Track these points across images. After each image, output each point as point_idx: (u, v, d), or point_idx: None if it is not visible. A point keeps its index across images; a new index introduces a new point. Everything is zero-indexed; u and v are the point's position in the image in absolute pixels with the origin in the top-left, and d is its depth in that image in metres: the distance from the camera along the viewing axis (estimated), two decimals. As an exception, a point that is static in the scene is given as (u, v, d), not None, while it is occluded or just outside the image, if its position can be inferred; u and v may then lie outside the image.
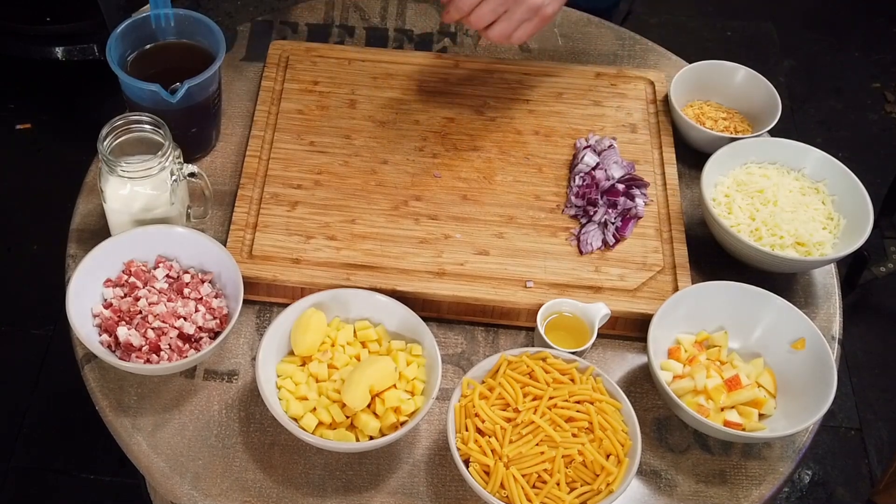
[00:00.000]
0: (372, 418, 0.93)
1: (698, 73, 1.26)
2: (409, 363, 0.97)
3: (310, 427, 0.93)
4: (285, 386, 0.96)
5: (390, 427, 0.94)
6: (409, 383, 0.96)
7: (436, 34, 1.35)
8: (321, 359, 0.97)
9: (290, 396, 0.95)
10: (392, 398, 0.93)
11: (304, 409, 0.94)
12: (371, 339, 1.00)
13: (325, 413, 0.94)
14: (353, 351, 0.99)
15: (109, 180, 1.02)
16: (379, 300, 1.00)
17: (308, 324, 0.97)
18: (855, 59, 2.60)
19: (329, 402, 0.95)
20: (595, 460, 0.90)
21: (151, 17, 1.12)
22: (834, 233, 1.11)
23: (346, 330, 1.00)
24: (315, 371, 0.96)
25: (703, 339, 1.04)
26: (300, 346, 0.97)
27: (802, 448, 1.00)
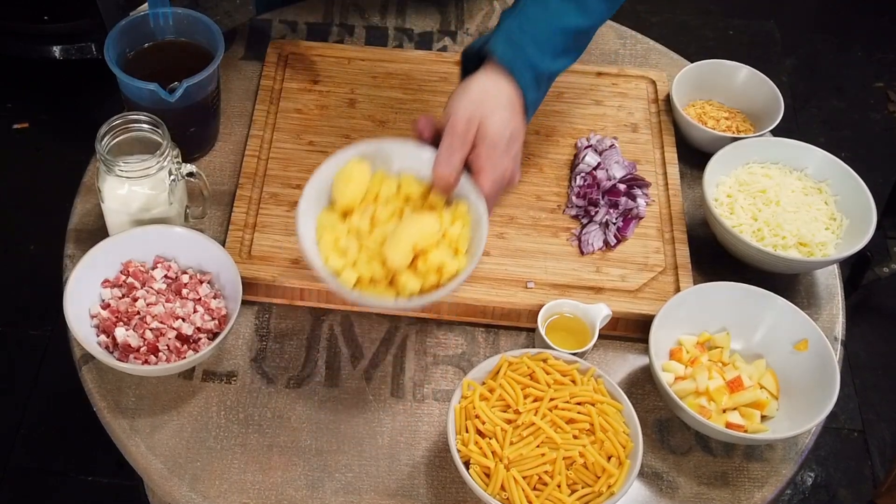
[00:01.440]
0: (412, 277, 0.89)
1: (700, 73, 1.25)
2: (453, 221, 0.93)
3: (349, 282, 0.89)
4: (325, 238, 0.91)
5: (432, 287, 0.90)
6: (454, 243, 0.92)
7: (436, 33, 1.35)
8: (363, 211, 0.92)
9: (329, 249, 0.91)
10: (435, 257, 0.89)
11: (344, 264, 0.90)
12: (415, 193, 0.95)
13: (366, 268, 0.89)
14: (396, 205, 0.94)
15: (107, 180, 1.01)
16: (423, 153, 0.95)
17: (351, 175, 0.93)
18: (858, 59, 2.59)
19: (370, 257, 0.90)
20: (596, 462, 0.89)
21: (150, 15, 1.12)
22: (837, 233, 1.10)
23: (390, 183, 0.95)
24: (357, 224, 0.92)
25: (705, 341, 1.03)
26: (342, 198, 0.93)
27: (805, 450, 1.00)
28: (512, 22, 1.00)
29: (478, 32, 1.35)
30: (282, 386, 1.01)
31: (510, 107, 0.97)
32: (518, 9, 1.01)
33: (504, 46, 0.98)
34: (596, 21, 1.05)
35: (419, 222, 0.90)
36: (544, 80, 1.02)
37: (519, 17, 1.00)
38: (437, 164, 0.93)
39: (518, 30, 0.99)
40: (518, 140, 0.98)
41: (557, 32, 1.01)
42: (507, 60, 0.98)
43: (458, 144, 0.93)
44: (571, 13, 1.01)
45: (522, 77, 0.98)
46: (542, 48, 1.00)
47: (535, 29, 1.00)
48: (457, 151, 0.93)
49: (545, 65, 1.00)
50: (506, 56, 0.98)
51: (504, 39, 0.99)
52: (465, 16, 1.37)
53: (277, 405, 0.99)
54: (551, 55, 1.01)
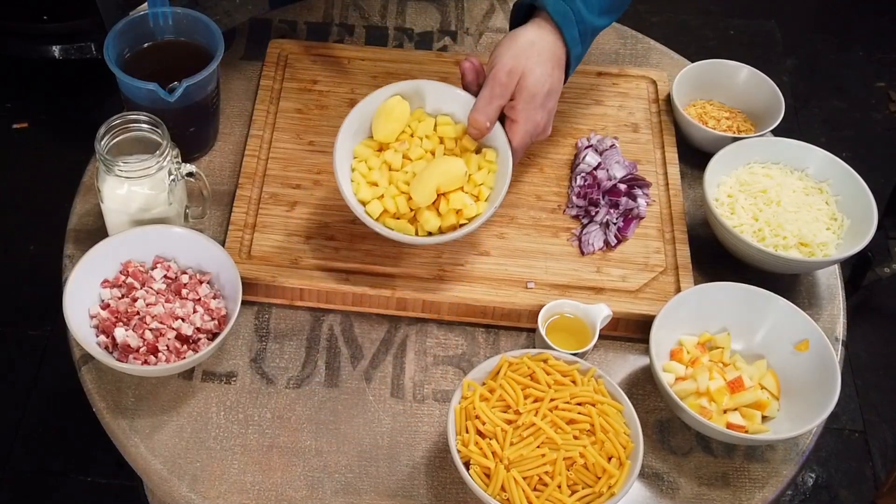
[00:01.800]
0: (434, 215, 0.94)
1: (701, 72, 1.25)
2: (480, 167, 0.97)
3: (374, 213, 0.95)
4: (359, 169, 0.96)
5: (450, 228, 0.94)
6: (477, 188, 0.96)
7: (436, 33, 1.35)
8: (398, 148, 0.97)
9: (361, 180, 0.96)
10: (456, 200, 0.94)
11: (373, 195, 0.95)
12: (450, 135, 0.99)
13: (392, 202, 0.95)
14: (429, 145, 0.99)
15: (107, 180, 1.01)
16: (460, 96, 1.00)
17: (392, 111, 0.98)
18: (859, 58, 2.59)
19: (398, 192, 0.95)
20: (597, 463, 0.89)
21: (149, 15, 1.12)
22: (838, 233, 1.10)
23: (427, 122, 1.00)
24: (390, 159, 0.97)
25: (706, 341, 1.03)
26: (380, 132, 0.98)
27: (806, 450, 1.00)
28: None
29: (478, 32, 1.35)
30: (282, 386, 1.01)
31: (553, 61, 1.00)
32: None
33: (556, 2, 1.01)
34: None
35: (446, 165, 0.95)
36: (588, 36, 1.05)
37: None
38: (474, 110, 0.97)
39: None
40: (555, 96, 1.01)
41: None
42: (559, 14, 1.01)
43: (498, 93, 0.97)
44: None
45: (570, 32, 1.01)
46: (590, 4, 1.03)
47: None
48: (495, 100, 0.97)
49: (592, 20, 1.04)
50: (557, 10, 1.01)
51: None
52: (465, 15, 1.37)
53: (277, 405, 0.99)
54: (598, 11, 1.05)
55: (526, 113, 0.98)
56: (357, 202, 0.94)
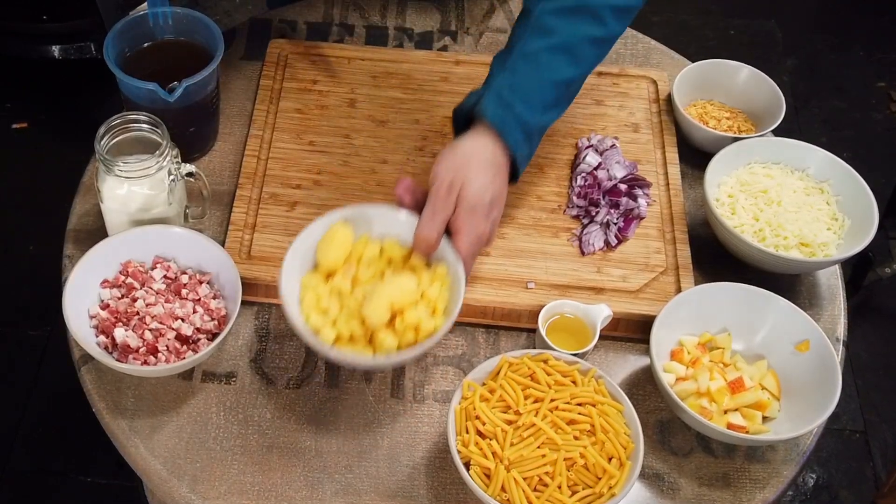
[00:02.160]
0: (390, 335, 0.93)
1: (701, 72, 1.25)
2: (432, 282, 0.96)
3: (328, 339, 0.93)
4: (307, 298, 0.95)
5: (408, 345, 0.93)
6: (432, 303, 0.95)
7: (436, 33, 1.35)
8: (345, 273, 0.97)
9: (311, 308, 0.95)
10: (412, 316, 0.93)
11: (325, 322, 0.94)
12: (397, 257, 0.99)
13: (345, 327, 0.93)
14: (378, 267, 0.98)
15: (107, 180, 1.01)
16: (402, 218, 0.99)
17: (334, 238, 0.97)
18: (859, 58, 2.59)
19: (350, 316, 0.94)
20: (597, 463, 0.89)
21: (149, 15, 1.12)
22: (838, 233, 1.10)
23: (372, 246, 0.99)
24: (338, 284, 0.96)
25: (707, 341, 1.03)
26: (325, 260, 0.97)
27: (806, 451, 1.00)
28: (502, 81, 1.00)
29: (478, 32, 1.35)
30: (281, 387, 1.00)
31: (494, 169, 0.98)
32: (508, 65, 1.01)
33: (494, 107, 0.99)
34: (587, 69, 1.04)
35: (398, 283, 0.93)
36: (535, 135, 1.02)
37: (509, 75, 1.00)
38: (419, 226, 0.96)
39: (508, 88, 0.99)
40: (498, 204, 0.99)
41: (548, 86, 1.01)
42: (498, 121, 0.98)
43: (440, 208, 0.96)
44: (563, 65, 1.01)
45: (512, 137, 0.99)
46: (532, 105, 1.00)
47: (526, 86, 1.00)
48: (438, 214, 0.96)
49: (536, 120, 1.01)
50: (496, 118, 0.98)
51: (494, 100, 0.99)
52: (465, 15, 1.37)
53: (277, 406, 0.99)
54: (541, 110, 1.01)
55: (469, 224, 0.96)
56: (309, 331, 0.92)
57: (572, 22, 1.00)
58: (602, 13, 1.01)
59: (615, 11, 1.02)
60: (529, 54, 1.00)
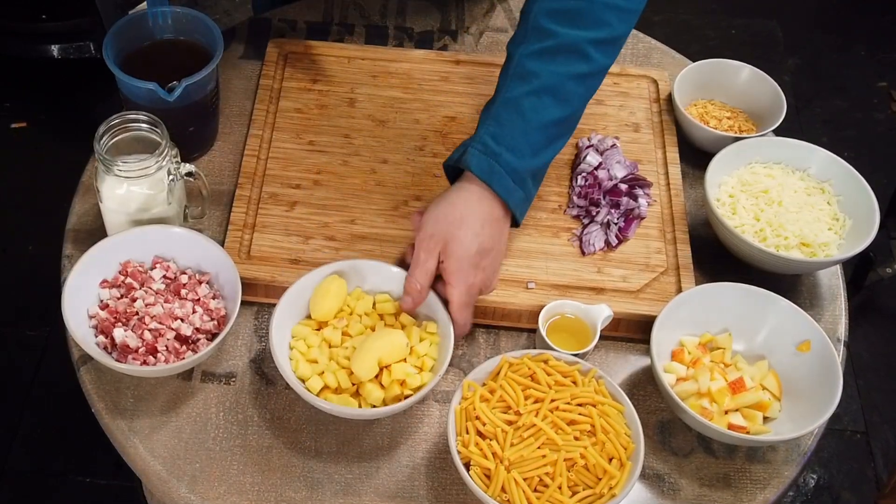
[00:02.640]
0: (377, 388, 0.94)
1: (702, 72, 1.25)
2: (421, 339, 0.98)
3: (314, 389, 0.94)
4: (297, 347, 0.97)
5: (394, 399, 0.94)
6: (420, 359, 0.96)
7: (436, 32, 1.34)
8: (336, 325, 0.98)
9: (300, 357, 0.96)
10: (398, 371, 0.94)
11: (312, 372, 0.95)
12: (389, 312, 1.00)
13: (333, 378, 0.95)
14: (369, 321, 0.99)
15: (106, 180, 1.01)
16: (396, 273, 1.01)
17: (328, 290, 0.98)
18: (861, 58, 2.59)
19: (338, 367, 0.96)
20: (597, 464, 0.89)
21: (148, 14, 1.11)
22: (839, 233, 1.10)
23: (365, 300, 1.00)
24: (328, 336, 0.98)
25: (707, 342, 1.03)
26: (317, 311, 0.98)
27: (807, 451, 0.99)
28: (486, 130, 0.99)
29: (478, 32, 1.35)
30: (281, 387, 1.00)
31: (482, 219, 0.97)
32: (492, 114, 0.99)
33: (479, 159, 0.97)
34: (578, 105, 1.02)
35: (387, 337, 0.95)
36: (529, 178, 1.00)
37: (493, 124, 0.98)
38: (406, 280, 0.98)
39: (492, 138, 0.98)
40: (490, 253, 0.98)
41: (535, 130, 0.99)
42: (483, 173, 0.97)
43: (423, 258, 0.97)
44: (549, 107, 0.98)
45: (501, 185, 0.97)
46: (519, 152, 0.98)
47: (511, 134, 0.98)
48: (421, 265, 0.97)
49: (526, 165, 0.99)
50: (481, 169, 0.97)
51: (479, 150, 0.98)
52: (465, 15, 1.37)
53: (277, 406, 0.99)
54: (531, 154, 0.99)
55: (457, 276, 0.96)
56: (296, 378, 0.94)
57: (553, 63, 0.98)
58: (584, 49, 0.98)
59: (598, 45, 0.99)
60: (512, 101, 0.98)
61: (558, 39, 0.98)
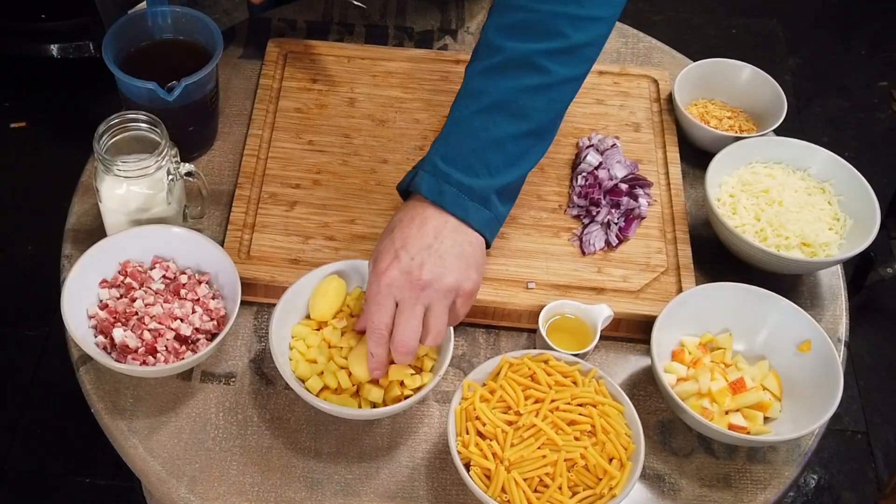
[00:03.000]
0: (375, 389, 0.94)
1: (703, 72, 1.25)
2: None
3: (314, 389, 0.94)
4: (297, 347, 0.97)
5: (394, 399, 0.94)
6: (419, 359, 0.96)
7: (436, 32, 1.34)
8: (336, 325, 0.98)
9: (300, 357, 0.96)
10: (396, 372, 0.93)
11: (312, 372, 0.95)
12: None
13: (332, 378, 0.94)
14: None
15: (105, 179, 1.01)
16: None
17: (327, 290, 0.98)
18: (862, 58, 2.58)
19: (337, 367, 0.95)
20: (598, 464, 0.88)
21: (148, 14, 1.11)
22: (840, 233, 1.09)
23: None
24: (328, 336, 0.97)
25: (708, 342, 1.03)
26: (316, 311, 0.98)
27: (808, 452, 0.99)
28: (436, 151, 0.93)
29: (478, 31, 1.34)
30: (281, 387, 1.00)
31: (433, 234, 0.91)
32: (442, 134, 0.95)
33: (429, 181, 0.92)
34: (542, 118, 0.95)
35: None
36: (492, 196, 0.93)
37: (443, 145, 0.93)
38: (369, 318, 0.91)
39: (442, 159, 0.92)
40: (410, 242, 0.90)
41: (489, 149, 0.92)
42: (434, 195, 0.91)
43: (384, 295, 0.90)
44: (501, 124, 0.92)
45: (456, 205, 0.91)
46: (473, 171, 0.92)
47: (461, 154, 0.92)
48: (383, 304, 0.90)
49: (484, 185, 0.92)
50: (431, 191, 0.91)
51: (429, 172, 0.92)
52: (465, 14, 1.37)
53: (276, 406, 0.99)
54: (488, 174, 0.92)
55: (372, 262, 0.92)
56: (295, 379, 0.93)
57: (503, 78, 0.93)
58: (536, 61, 0.92)
59: (552, 55, 0.93)
60: (461, 120, 0.93)
61: (506, 54, 0.93)
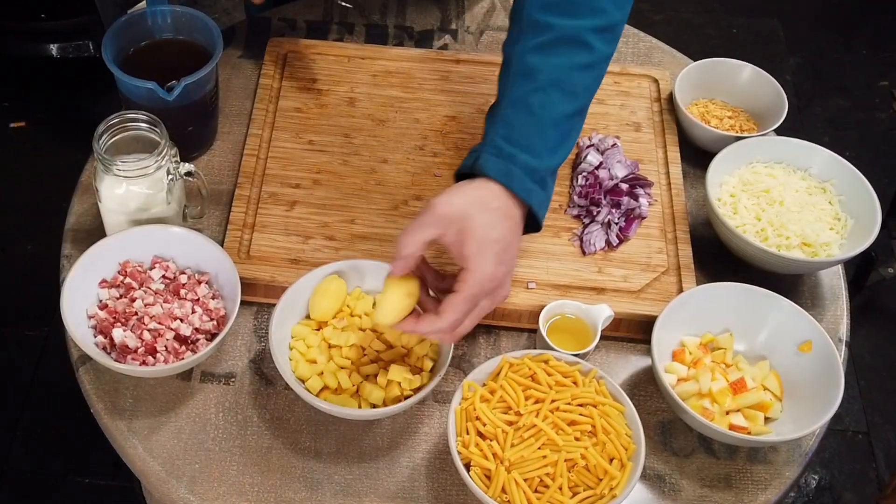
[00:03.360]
0: (376, 389, 0.94)
1: (703, 71, 1.24)
2: (421, 339, 0.97)
3: (314, 389, 0.94)
4: (297, 347, 0.97)
5: (394, 399, 0.94)
6: (420, 360, 0.96)
7: (436, 31, 1.34)
8: (336, 325, 0.98)
9: (300, 357, 0.96)
10: (396, 373, 0.93)
11: (312, 372, 0.95)
12: None
13: (332, 378, 0.94)
14: (369, 322, 0.99)
15: (105, 179, 1.00)
16: None
17: (327, 290, 0.98)
18: (862, 57, 2.58)
19: (337, 368, 0.96)
20: (598, 464, 0.88)
21: (148, 13, 1.11)
22: (841, 233, 1.09)
23: (365, 300, 1.00)
24: (328, 336, 0.97)
25: (708, 342, 1.02)
26: (317, 311, 0.98)
27: (809, 452, 0.99)
28: (496, 134, 0.93)
29: (479, 31, 1.34)
30: (281, 387, 1.00)
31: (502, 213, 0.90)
32: (499, 117, 0.94)
33: (495, 163, 0.91)
34: (586, 97, 0.97)
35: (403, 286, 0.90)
36: (549, 177, 0.95)
37: (503, 127, 0.93)
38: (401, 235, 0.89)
39: (505, 140, 0.92)
40: (510, 248, 0.90)
41: (549, 128, 0.93)
42: (502, 176, 0.91)
43: (429, 222, 0.88)
44: (557, 102, 0.93)
45: (521, 187, 0.91)
46: (535, 151, 0.92)
47: (524, 135, 0.93)
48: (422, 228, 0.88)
49: (544, 164, 0.93)
50: (499, 172, 0.91)
51: (493, 155, 0.92)
52: (465, 13, 1.37)
53: (276, 406, 0.99)
54: (548, 153, 0.93)
55: (480, 259, 0.87)
56: (295, 379, 0.93)
57: (555, 55, 0.94)
58: (584, 38, 0.94)
59: (597, 33, 0.95)
60: (518, 100, 0.93)
61: (556, 31, 0.94)
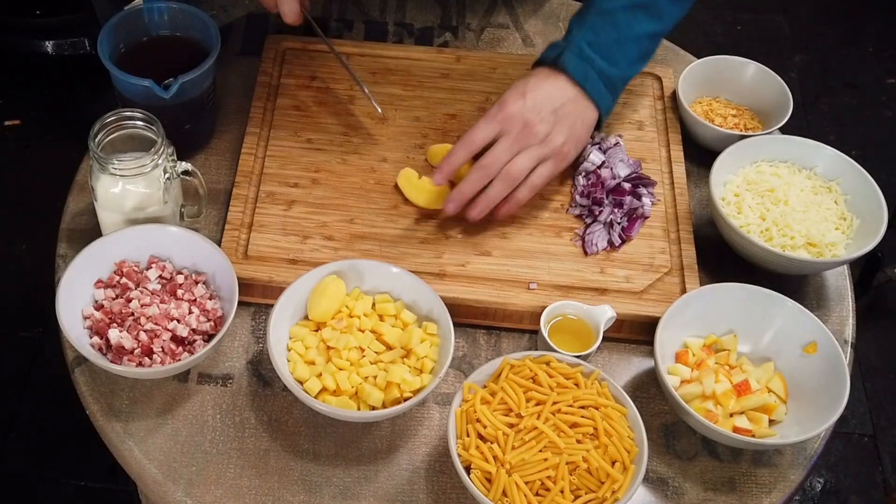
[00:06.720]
0: (376, 389, 0.93)
1: (707, 69, 1.24)
2: (422, 340, 0.97)
3: (312, 391, 0.93)
4: (295, 348, 0.96)
5: (394, 401, 0.93)
6: (420, 360, 0.96)
7: (436, 28, 1.33)
8: (335, 326, 0.97)
9: (298, 359, 0.96)
10: (396, 375, 0.93)
11: (310, 373, 0.95)
12: (388, 313, 0.99)
13: (331, 380, 0.94)
14: (368, 323, 0.98)
15: (101, 178, 1.00)
16: (396, 274, 1.00)
17: (325, 290, 0.98)
18: (869, 54, 2.57)
19: (336, 369, 0.95)
20: (600, 467, 0.88)
21: (144, 10, 1.11)
22: (847, 233, 1.09)
23: (364, 301, 1.00)
24: (327, 337, 0.97)
25: (712, 343, 1.02)
26: (315, 312, 0.98)
27: (814, 455, 0.99)
28: (582, 37, 1.05)
29: (479, 28, 1.34)
30: (279, 389, 0.99)
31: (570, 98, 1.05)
32: (587, 22, 1.06)
33: (576, 61, 1.04)
34: (668, 24, 1.09)
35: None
36: (620, 86, 1.09)
37: (589, 32, 1.05)
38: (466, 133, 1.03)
39: (588, 45, 1.05)
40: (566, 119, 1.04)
41: (630, 42, 1.06)
42: (579, 75, 1.04)
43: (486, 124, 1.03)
44: (642, 21, 1.06)
45: (595, 89, 1.05)
46: (614, 61, 1.06)
47: (606, 44, 1.05)
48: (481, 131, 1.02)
49: (619, 73, 1.07)
50: (578, 71, 1.04)
51: (575, 54, 1.05)
52: (466, 10, 1.36)
53: (274, 408, 0.98)
54: (625, 65, 1.07)
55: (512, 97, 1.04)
56: (293, 381, 0.93)
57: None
58: None
59: None
60: (607, 12, 1.05)
61: None
